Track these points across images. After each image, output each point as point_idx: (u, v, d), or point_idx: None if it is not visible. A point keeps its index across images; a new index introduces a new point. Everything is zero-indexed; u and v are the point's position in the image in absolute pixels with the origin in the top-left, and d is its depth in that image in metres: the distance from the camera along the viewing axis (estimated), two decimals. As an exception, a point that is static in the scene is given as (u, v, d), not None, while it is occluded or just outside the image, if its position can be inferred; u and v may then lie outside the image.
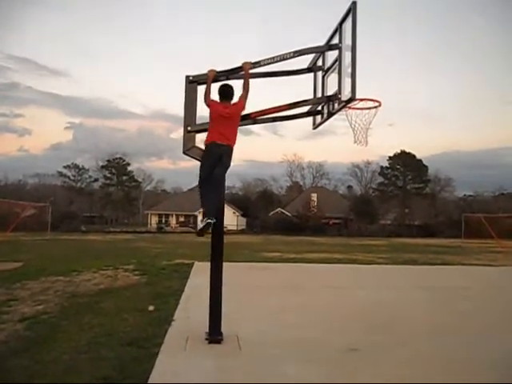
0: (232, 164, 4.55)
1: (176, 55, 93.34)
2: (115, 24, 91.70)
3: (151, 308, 6.10)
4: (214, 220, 4.36)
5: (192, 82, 4.71)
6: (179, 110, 4.54)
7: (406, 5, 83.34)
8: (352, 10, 4.33)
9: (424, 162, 62.14)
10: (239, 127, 4.68)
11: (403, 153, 62.31)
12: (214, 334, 4.47)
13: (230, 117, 4.48)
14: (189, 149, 4.67)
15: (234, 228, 47.83)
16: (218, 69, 4.80)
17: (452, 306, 6.89)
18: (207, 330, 4.54)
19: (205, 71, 4.74)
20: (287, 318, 5.81)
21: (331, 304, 6.91)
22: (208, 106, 4.54)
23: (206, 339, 4.47)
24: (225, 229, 5.02)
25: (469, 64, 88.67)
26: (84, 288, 7.87)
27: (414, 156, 61.83)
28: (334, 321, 5.70)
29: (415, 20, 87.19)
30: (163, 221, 56.48)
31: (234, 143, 4.54)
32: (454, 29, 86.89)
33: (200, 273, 9.74)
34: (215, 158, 4.43)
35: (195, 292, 7.42)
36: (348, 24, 4.45)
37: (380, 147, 79.82)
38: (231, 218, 49.52)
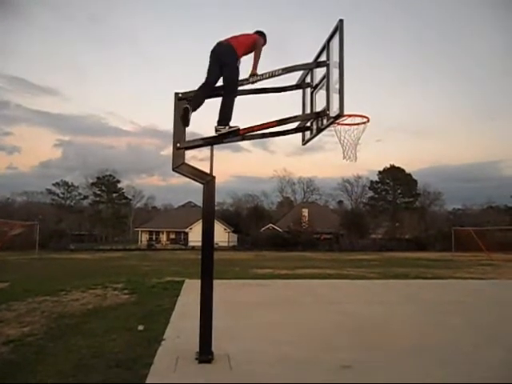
0: (222, 180, 4.56)
1: (167, 72, 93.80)
2: (105, 42, 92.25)
3: (141, 328, 5.98)
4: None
5: (181, 99, 4.71)
6: (170, 126, 4.54)
7: (394, 20, 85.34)
8: (339, 28, 4.39)
9: (413, 177, 62.87)
10: (229, 143, 4.71)
11: (392, 167, 63.01)
12: (204, 354, 4.38)
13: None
14: (178, 166, 4.64)
15: (225, 244, 47.57)
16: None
17: (444, 320, 6.86)
18: (198, 350, 4.45)
19: (195, 88, 4.77)
20: (279, 335, 5.73)
21: (323, 320, 6.84)
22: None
23: (196, 359, 4.38)
24: (216, 245, 4.98)
25: (456, 79, 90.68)
26: (72, 308, 7.70)
27: (403, 170, 62.56)
28: (326, 337, 5.63)
29: (402, 36, 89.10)
30: (154, 238, 56.04)
31: (240, 52, 4.85)
32: (441, 45, 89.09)
33: (191, 291, 9.63)
34: (214, 59, 4.80)
35: (186, 310, 7.31)
36: (335, 41, 4.51)
37: (369, 162, 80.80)
38: (222, 235, 49.31)
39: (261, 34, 5.16)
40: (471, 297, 9.93)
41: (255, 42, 4.98)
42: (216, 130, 4.70)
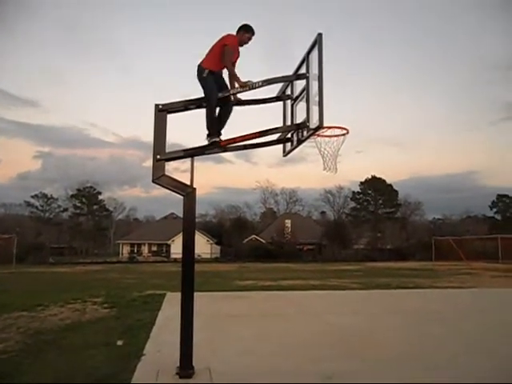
0: (205, 192, 4.60)
1: (150, 84, 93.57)
2: (87, 52, 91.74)
3: (120, 343, 5.86)
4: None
5: (162, 111, 4.70)
6: (152, 138, 4.51)
7: (374, 30, 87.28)
8: (318, 41, 4.47)
9: (394, 187, 63.80)
10: (211, 155, 4.72)
11: (374, 178, 63.84)
12: (185, 368, 4.31)
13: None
14: (158, 177, 4.61)
15: (208, 256, 47.23)
16: (192, 97, 4.87)
17: (425, 330, 6.91)
18: (178, 364, 4.38)
19: (177, 99, 4.77)
20: (262, 347, 5.68)
21: (307, 331, 6.82)
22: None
23: (177, 373, 4.30)
24: (198, 257, 4.95)
25: (435, 90, 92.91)
26: (49, 324, 7.49)
27: (384, 181, 63.41)
28: (310, 348, 5.60)
29: (382, 49, 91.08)
30: (135, 250, 55.25)
31: (208, 63, 4.83)
32: (418, 58, 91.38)
33: (172, 304, 9.49)
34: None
35: (167, 324, 7.20)
36: (315, 54, 4.58)
37: (351, 173, 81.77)
38: (205, 246, 49.00)
39: (240, 28, 4.94)
40: (451, 305, 10.06)
41: (223, 44, 4.80)
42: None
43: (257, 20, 5.11)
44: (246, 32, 4.91)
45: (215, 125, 4.79)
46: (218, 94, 4.76)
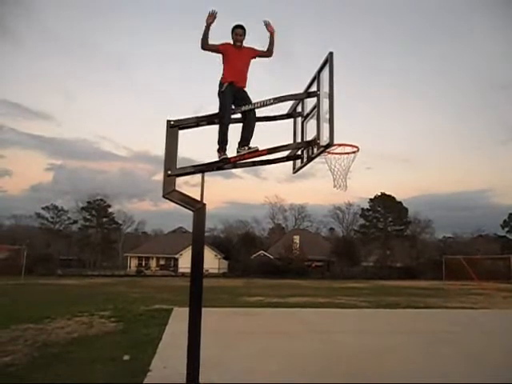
0: (213, 206, 4.59)
1: (161, 98, 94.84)
2: (99, 66, 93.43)
3: (126, 357, 5.83)
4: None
5: (173, 127, 4.75)
6: (162, 152, 4.55)
7: (384, 48, 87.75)
8: (329, 60, 4.51)
9: (404, 204, 63.27)
10: (222, 171, 4.74)
11: (383, 195, 63.41)
12: (192, 385, 4.26)
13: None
14: (169, 192, 4.64)
15: (216, 271, 47.03)
16: (201, 113, 4.92)
17: (435, 352, 6.78)
18: (185, 381, 4.33)
19: (186, 113, 4.83)
20: (269, 365, 5.61)
21: (313, 350, 6.73)
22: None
23: (183, 391, 4.25)
24: (206, 272, 4.93)
25: (445, 109, 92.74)
26: (56, 336, 7.50)
27: (393, 198, 62.92)
28: (315, 368, 5.52)
29: (392, 65, 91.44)
30: (143, 264, 55.19)
31: (224, 78, 4.86)
32: (430, 76, 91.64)
33: (179, 319, 9.44)
34: None
35: (173, 340, 7.16)
36: (325, 72, 4.62)
37: (360, 189, 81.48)
38: (212, 261, 48.82)
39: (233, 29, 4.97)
40: (462, 327, 9.87)
41: (221, 53, 4.91)
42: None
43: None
44: (232, 32, 5.00)
45: (226, 141, 4.82)
46: (231, 110, 4.82)
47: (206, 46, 4.77)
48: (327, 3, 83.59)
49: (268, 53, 5.07)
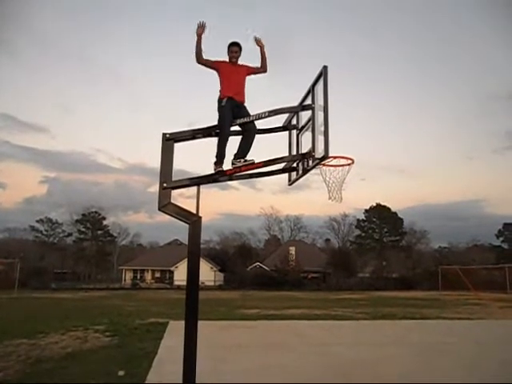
0: (209, 218, 4.58)
1: (156, 110, 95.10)
2: (96, 79, 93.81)
3: (121, 373, 5.75)
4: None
5: (169, 140, 4.76)
6: (157, 164, 4.56)
7: (378, 58, 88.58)
8: (323, 74, 4.57)
9: (399, 215, 63.48)
10: (217, 183, 4.75)
11: (379, 206, 63.65)
12: (188, 401, 4.21)
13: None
14: (164, 205, 4.63)
15: (212, 283, 46.75)
16: (197, 126, 4.94)
17: (431, 363, 6.75)
18: (180, 397, 4.28)
19: (182, 127, 4.85)
20: (265, 379, 5.56)
21: (310, 362, 6.68)
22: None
23: (179, 407, 4.20)
24: (202, 284, 4.90)
25: (439, 119, 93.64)
26: (50, 352, 7.39)
27: (389, 209, 63.15)
28: (313, 381, 5.48)
29: (386, 76, 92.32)
30: (138, 276, 54.76)
31: (222, 94, 4.86)
32: (425, 87, 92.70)
33: (175, 333, 9.35)
34: None
35: (169, 354, 7.08)
36: (320, 86, 4.67)
37: (355, 200, 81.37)
38: (208, 274, 48.53)
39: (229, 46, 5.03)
40: (459, 337, 9.84)
41: (216, 69, 4.98)
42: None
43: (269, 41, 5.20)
44: (228, 49, 5.06)
45: (224, 155, 4.84)
46: (230, 125, 4.84)
47: (201, 59, 4.82)
48: (323, 10, 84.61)
49: (262, 69, 5.12)
